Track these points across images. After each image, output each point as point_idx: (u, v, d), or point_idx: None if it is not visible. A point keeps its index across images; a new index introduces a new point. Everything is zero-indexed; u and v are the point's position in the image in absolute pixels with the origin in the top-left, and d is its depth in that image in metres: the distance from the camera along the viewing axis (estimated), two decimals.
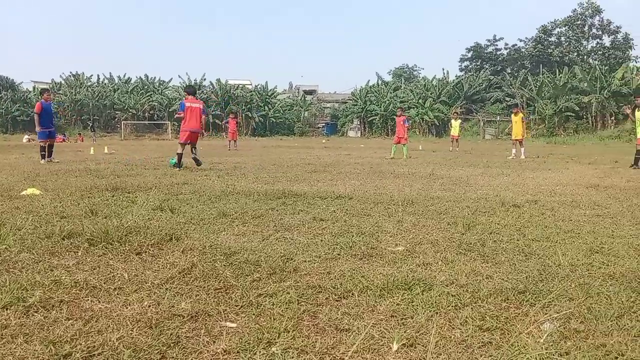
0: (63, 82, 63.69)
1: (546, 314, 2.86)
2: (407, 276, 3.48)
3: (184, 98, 13.36)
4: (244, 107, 59.58)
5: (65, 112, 57.20)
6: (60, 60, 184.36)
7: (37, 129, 14.93)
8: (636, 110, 14.70)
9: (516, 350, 2.38)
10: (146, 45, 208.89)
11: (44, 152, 14.65)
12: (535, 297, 3.10)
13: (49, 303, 2.96)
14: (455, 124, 25.20)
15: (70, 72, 64.15)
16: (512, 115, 21.09)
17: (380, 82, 66.16)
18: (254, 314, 2.86)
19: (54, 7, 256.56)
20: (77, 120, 58.93)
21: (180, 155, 12.54)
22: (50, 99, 16.14)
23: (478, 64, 66.40)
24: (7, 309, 2.83)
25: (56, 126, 14.87)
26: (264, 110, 60.23)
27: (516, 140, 19.93)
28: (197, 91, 58.49)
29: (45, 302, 2.97)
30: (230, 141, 25.37)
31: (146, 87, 62.41)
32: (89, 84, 63.28)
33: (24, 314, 2.79)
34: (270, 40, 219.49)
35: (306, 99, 66.68)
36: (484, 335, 2.59)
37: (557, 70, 50.33)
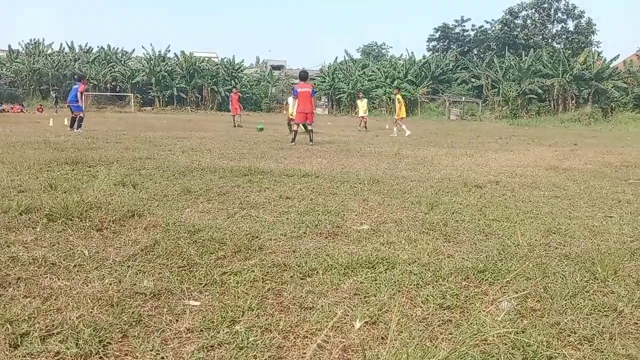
0: (21, 49, 60.89)
1: (504, 292, 2.96)
2: (371, 255, 3.53)
3: (296, 84, 14.93)
4: (209, 81, 58.42)
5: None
6: (19, 27, 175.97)
7: (76, 104, 16.99)
8: None
9: (475, 329, 2.45)
10: (109, 15, 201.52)
11: (81, 123, 16.60)
12: (495, 277, 3.19)
13: (5, 280, 2.87)
14: (362, 104, 25.14)
15: (31, 39, 61.29)
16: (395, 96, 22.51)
17: (348, 59, 65.89)
18: (218, 292, 2.85)
19: None
20: (36, 90, 56.60)
21: (295, 133, 13.98)
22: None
23: (445, 44, 66.79)
24: None
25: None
26: (231, 85, 59.27)
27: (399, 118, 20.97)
28: (161, 63, 57.32)
29: (1, 279, 2.88)
30: (234, 116, 25.18)
31: (108, 57, 60.25)
32: (49, 52, 60.66)
33: None
34: (238, 11, 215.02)
35: (274, 74, 65.89)
36: (444, 314, 2.65)
37: (523, 53, 51.12)
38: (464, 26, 66.40)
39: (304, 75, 14.78)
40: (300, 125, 14.16)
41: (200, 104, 58.42)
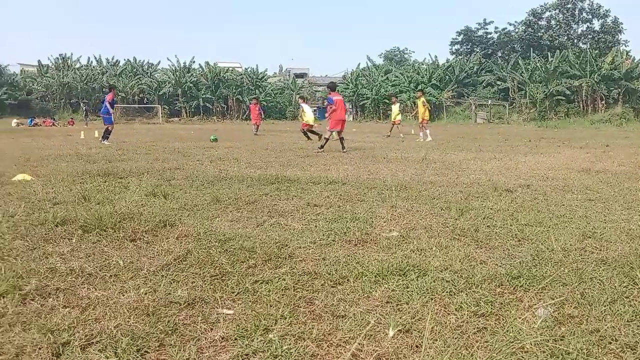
0: (51, 64, 62.61)
1: (540, 299, 2.90)
2: (402, 262, 3.51)
3: (328, 94, 15.28)
4: (234, 91, 59.07)
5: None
6: (48, 42, 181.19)
7: (106, 116, 17.48)
8: None
9: (511, 336, 2.41)
10: (134, 28, 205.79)
11: (108, 135, 16.88)
12: (529, 283, 3.14)
13: (45, 291, 2.95)
14: (395, 109, 24.77)
15: (60, 55, 62.97)
16: (417, 100, 21.89)
17: (371, 65, 65.81)
18: (250, 301, 2.87)
19: None
20: (66, 104, 58.09)
21: (327, 140, 13.95)
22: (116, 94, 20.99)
23: (469, 47, 66.18)
24: (3, 298, 2.82)
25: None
26: (255, 94, 59.80)
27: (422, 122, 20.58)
28: (187, 74, 58.23)
29: (41, 290, 2.96)
30: (253, 125, 25.82)
31: (135, 70, 61.50)
32: (77, 66, 62.22)
33: (21, 302, 2.78)
34: (260, 22, 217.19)
35: (297, 82, 66.25)
36: (479, 321, 2.62)
37: (549, 54, 50.32)
38: (487, 29, 65.73)
39: (333, 86, 14.95)
40: (334, 133, 13.98)
41: (226, 114, 59.09)
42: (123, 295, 2.92)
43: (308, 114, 19.70)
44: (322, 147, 13.57)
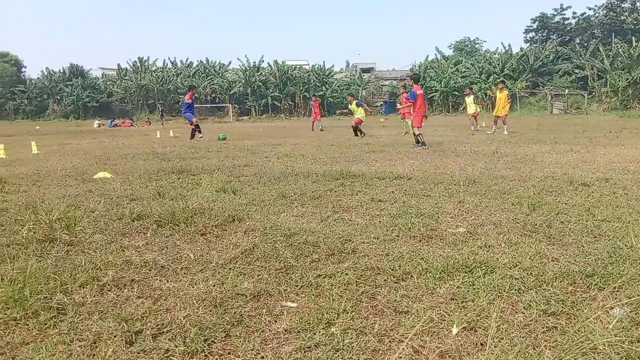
0: (129, 67, 66.08)
1: (616, 298, 2.74)
2: (468, 258, 3.43)
3: (412, 86, 13.74)
4: (301, 88, 59.77)
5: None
6: (126, 47, 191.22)
7: (187, 113, 18.29)
8: None
9: (583, 336, 2.29)
10: (207, 29, 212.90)
11: (198, 128, 17.89)
12: (605, 281, 2.97)
13: (121, 282, 3.14)
14: (469, 101, 23.59)
15: (138, 58, 66.39)
16: (497, 91, 20.30)
17: (440, 57, 64.35)
18: (313, 295, 2.91)
19: None
20: (143, 105, 61.17)
21: (419, 135, 13.00)
22: (195, 93, 22.20)
23: (544, 34, 63.07)
24: (83, 288, 3.03)
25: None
26: (322, 91, 60.18)
27: (497, 116, 19.49)
28: (256, 73, 59.63)
29: (117, 281, 3.16)
30: (313, 122, 26.58)
31: (207, 70, 63.76)
32: (154, 69, 65.31)
33: (99, 292, 2.98)
34: (327, 18, 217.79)
35: (363, 77, 65.98)
36: (549, 320, 2.51)
37: (633, 39, 47.03)
38: (564, 14, 62.31)
39: (417, 78, 14.20)
40: (416, 128, 13.07)
41: (293, 111, 59.96)
42: (193, 287, 3.05)
43: (359, 110, 19.49)
44: (421, 143, 12.73)
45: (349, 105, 20.60)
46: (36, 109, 62.08)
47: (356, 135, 18.60)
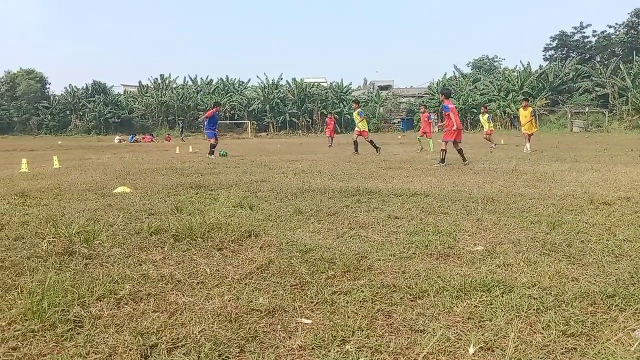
0: (150, 84, 67.22)
1: (638, 320, 2.68)
2: (486, 277, 3.38)
3: (444, 101, 13.78)
4: (319, 105, 60.13)
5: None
6: (147, 64, 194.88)
7: (207, 130, 18.06)
8: None
9: (603, 359, 2.24)
10: (226, 47, 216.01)
11: (213, 149, 17.39)
12: (626, 302, 2.91)
13: (137, 296, 3.16)
14: (484, 119, 23.32)
15: (160, 75, 67.54)
16: (521, 109, 19.98)
17: (458, 74, 64.30)
18: (328, 311, 2.90)
19: (140, 14, 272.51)
20: (164, 121, 62.06)
21: (461, 151, 13.18)
22: (219, 110, 21.69)
23: (564, 52, 62.73)
24: (100, 301, 3.06)
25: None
26: (339, 108, 60.44)
27: (529, 134, 19.13)
28: (275, 90, 60.22)
29: (134, 294, 3.18)
30: (329, 138, 27.45)
31: (226, 87, 64.61)
32: (174, 86, 66.37)
33: (116, 306, 3.00)
34: (345, 36, 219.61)
35: (381, 94, 66.13)
36: (568, 341, 2.46)
37: None
38: (584, 32, 62.00)
39: (448, 93, 13.94)
40: (435, 144, 13.00)
41: (310, 128, 60.29)
42: (208, 302, 3.06)
43: (362, 122, 19.27)
44: (440, 160, 12.78)
45: (353, 113, 20.48)
46: (59, 125, 63.48)
47: (356, 150, 18.45)
